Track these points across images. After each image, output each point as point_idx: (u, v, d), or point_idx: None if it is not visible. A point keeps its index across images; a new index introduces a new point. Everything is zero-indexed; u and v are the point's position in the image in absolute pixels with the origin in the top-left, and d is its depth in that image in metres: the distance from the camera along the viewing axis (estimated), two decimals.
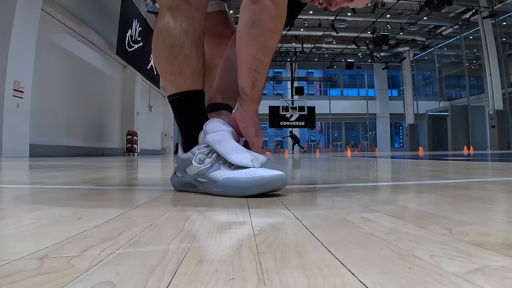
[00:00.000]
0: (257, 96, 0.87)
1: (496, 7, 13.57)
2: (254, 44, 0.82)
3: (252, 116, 0.89)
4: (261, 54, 0.83)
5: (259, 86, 0.86)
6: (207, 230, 0.45)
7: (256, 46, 0.82)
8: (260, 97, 0.89)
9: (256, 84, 0.85)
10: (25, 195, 0.88)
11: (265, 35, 0.81)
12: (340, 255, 0.33)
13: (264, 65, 0.84)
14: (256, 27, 0.81)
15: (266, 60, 0.84)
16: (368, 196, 0.79)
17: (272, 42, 0.83)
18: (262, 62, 0.84)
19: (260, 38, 0.81)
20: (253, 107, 0.88)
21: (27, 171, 2.07)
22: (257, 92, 0.87)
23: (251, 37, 0.82)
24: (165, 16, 0.88)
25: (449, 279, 0.26)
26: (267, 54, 0.84)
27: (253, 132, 0.89)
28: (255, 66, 0.84)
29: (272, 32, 0.82)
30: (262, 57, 0.83)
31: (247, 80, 0.85)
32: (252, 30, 0.82)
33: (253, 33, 0.82)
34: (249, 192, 0.74)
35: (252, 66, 0.84)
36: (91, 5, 9.64)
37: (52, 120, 8.06)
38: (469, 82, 17.78)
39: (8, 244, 0.39)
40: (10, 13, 6.13)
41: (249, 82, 0.85)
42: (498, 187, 0.94)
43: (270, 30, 0.81)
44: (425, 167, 2.23)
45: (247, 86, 0.86)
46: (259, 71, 0.84)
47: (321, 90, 23.73)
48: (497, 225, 0.47)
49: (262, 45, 0.82)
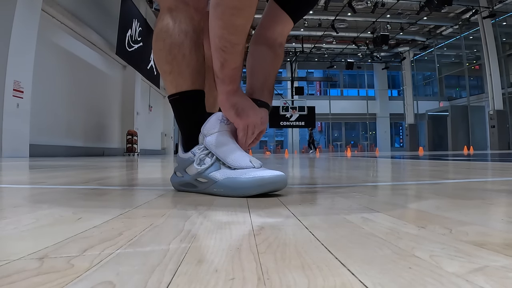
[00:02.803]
0: (228, 76, 0.84)
1: (496, 7, 13.56)
2: (219, 23, 0.80)
3: (226, 97, 0.86)
4: (227, 33, 0.80)
5: (229, 66, 0.83)
6: (207, 230, 0.45)
7: (221, 26, 0.80)
8: (235, 77, 0.86)
9: (225, 64, 0.83)
10: (25, 195, 0.88)
11: (228, 12, 0.79)
12: (340, 255, 0.33)
13: (232, 44, 0.81)
14: (219, 6, 0.79)
15: (234, 38, 0.81)
16: (368, 196, 0.79)
17: (238, 19, 0.80)
18: (229, 41, 0.81)
19: (224, 16, 0.79)
20: (226, 88, 0.85)
21: (27, 171, 2.07)
22: (228, 72, 0.84)
23: (216, 17, 0.80)
24: (165, 17, 0.89)
25: (449, 279, 0.26)
26: (235, 33, 0.81)
27: (232, 114, 0.86)
28: (222, 45, 0.81)
29: (236, 9, 0.79)
30: (229, 36, 0.81)
31: (216, 61, 0.83)
32: (216, 10, 0.80)
33: (217, 12, 0.80)
34: (249, 192, 0.74)
35: (219, 46, 0.81)
36: (91, 5, 9.64)
37: (52, 120, 8.06)
38: (469, 82, 17.78)
39: (8, 244, 0.39)
40: (10, 13, 6.13)
41: (217, 63, 0.83)
42: (498, 187, 0.94)
43: (234, 7, 0.79)
44: (425, 167, 2.22)
45: (217, 67, 0.84)
46: (227, 51, 0.82)
47: (321, 90, 23.74)
48: (497, 225, 0.47)
49: (227, 23, 0.80)
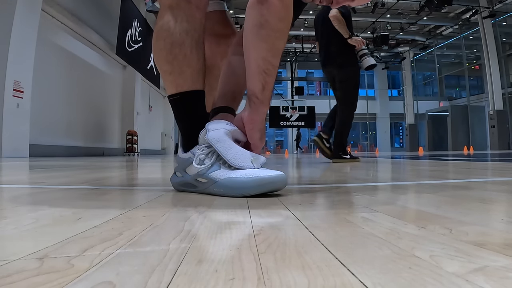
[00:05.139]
0: (267, 98, 0.86)
1: (496, 7, 13.57)
2: (263, 45, 0.80)
3: (261, 119, 0.87)
4: (270, 55, 0.81)
5: (269, 88, 0.84)
6: (207, 230, 0.45)
7: (265, 48, 0.81)
8: (270, 99, 0.87)
9: (266, 86, 0.84)
10: (25, 195, 0.88)
11: (273, 36, 0.80)
12: (340, 255, 0.33)
13: (274, 67, 0.83)
14: (264, 28, 0.79)
15: (275, 61, 0.83)
16: (368, 196, 0.79)
17: (281, 42, 0.82)
18: (272, 63, 0.82)
19: (268, 39, 0.80)
20: (263, 109, 0.86)
21: (27, 171, 2.07)
22: (268, 94, 0.85)
23: (259, 38, 0.80)
24: (165, 15, 0.88)
25: (449, 279, 0.26)
26: (276, 56, 0.83)
27: (258, 136, 0.87)
28: (265, 68, 0.82)
29: (280, 33, 0.80)
30: (271, 58, 0.82)
31: (257, 83, 0.83)
32: (260, 31, 0.80)
33: (261, 35, 0.80)
34: (249, 192, 0.74)
35: (262, 69, 0.82)
36: (91, 5, 9.64)
37: (52, 120, 8.06)
38: (469, 82, 17.78)
39: (8, 244, 0.39)
40: (10, 13, 6.13)
41: (259, 85, 0.83)
42: (498, 187, 0.94)
43: (278, 30, 0.80)
44: (425, 167, 2.22)
45: (258, 89, 0.84)
46: (269, 73, 0.82)
47: (321, 90, 23.73)
48: (497, 225, 0.47)
49: (271, 46, 0.81)
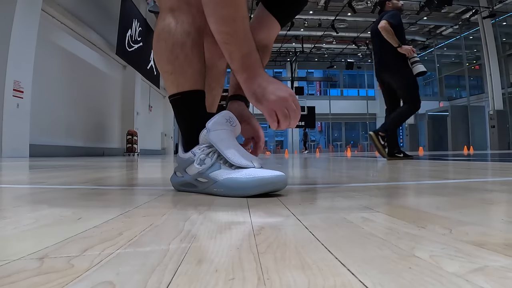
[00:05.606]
0: (239, 65, 0.84)
1: (496, 7, 13.56)
2: (211, 20, 0.83)
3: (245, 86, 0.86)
4: (221, 25, 0.82)
5: (236, 55, 0.84)
6: (207, 230, 0.45)
7: (214, 21, 0.82)
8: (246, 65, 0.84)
9: (232, 55, 0.84)
10: (25, 195, 0.88)
11: (215, 6, 0.81)
12: (340, 255, 0.33)
13: (230, 34, 0.82)
14: (207, 5, 0.82)
15: (229, 29, 0.82)
16: (368, 196, 0.79)
17: (225, 9, 0.81)
18: (226, 32, 0.82)
19: (214, 12, 0.82)
20: (241, 77, 0.86)
21: (27, 171, 2.07)
22: (238, 62, 0.84)
23: (208, 15, 0.83)
24: (166, 17, 0.89)
25: (449, 279, 0.26)
26: (227, 23, 0.82)
27: (253, 101, 0.87)
28: (222, 39, 0.83)
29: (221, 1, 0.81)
30: (223, 27, 0.82)
31: (226, 55, 0.85)
32: (206, 9, 0.83)
33: (208, 11, 0.82)
34: (249, 192, 0.74)
35: (220, 41, 0.83)
36: (91, 5, 9.63)
37: (52, 120, 8.06)
38: (469, 82, 17.77)
39: (8, 244, 0.39)
40: (10, 13, 6.13)
41: (227, 56, 0.85)
42: (498, 187, 0.94)
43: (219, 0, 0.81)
44: (425, 167, 2.22)
45: (228, 60, 0.86)
46: (229, 41, 0.83)
47: (321, 90, 23.73)
48: (497, 225, 0.47)
49: (218, 16, 0.82)
